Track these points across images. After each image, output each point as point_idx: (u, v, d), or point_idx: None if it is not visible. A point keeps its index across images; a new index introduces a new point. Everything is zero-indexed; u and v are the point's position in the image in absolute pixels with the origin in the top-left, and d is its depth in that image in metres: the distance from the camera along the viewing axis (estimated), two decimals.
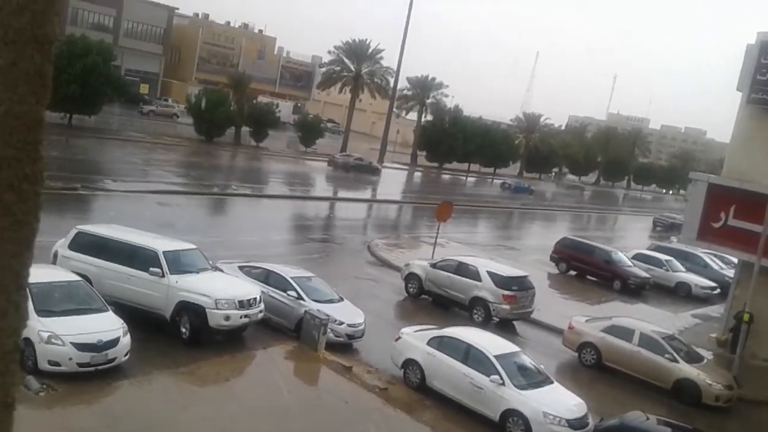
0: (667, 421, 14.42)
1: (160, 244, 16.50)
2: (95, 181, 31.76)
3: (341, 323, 17.26)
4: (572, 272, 31.91)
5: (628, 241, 47.66)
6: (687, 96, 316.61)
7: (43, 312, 12.95)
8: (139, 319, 15.16)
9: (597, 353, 19.40)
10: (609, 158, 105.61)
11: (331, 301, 18.00)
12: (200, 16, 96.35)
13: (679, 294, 31.67)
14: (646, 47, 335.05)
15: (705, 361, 19.29)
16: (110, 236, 16.68)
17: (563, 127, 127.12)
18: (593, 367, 19.42)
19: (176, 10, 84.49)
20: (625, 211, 77.97)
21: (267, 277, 18.22)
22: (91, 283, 15.08)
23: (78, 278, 14.59)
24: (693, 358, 18.85)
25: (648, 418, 13.22)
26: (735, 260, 25.36)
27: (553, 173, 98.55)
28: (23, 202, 0.78)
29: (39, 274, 13.94)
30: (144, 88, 78.37)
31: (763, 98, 22.38)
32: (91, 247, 16.35)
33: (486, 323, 21.01)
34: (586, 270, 31.54)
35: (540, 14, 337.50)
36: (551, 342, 20.97)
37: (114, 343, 13.15)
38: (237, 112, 57.22)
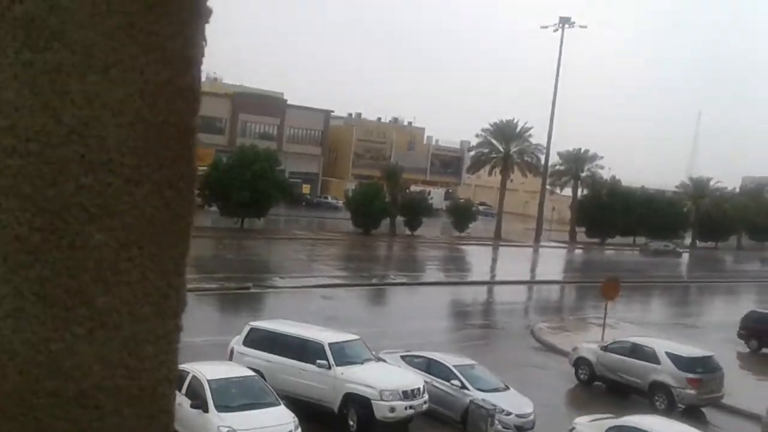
0: None
1: (325, 336, 17.03)
2: (265, 279, 33.79)
3: (509, 413, 16.55)
4: (766, 350, 28.60)
5: None
6: None
7: (222, 408, 13.66)
8: (310, 413, 15.48)
9: None
10: None
11: (496, 390, 17.41)
12: (353, 116, 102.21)
13: None
14: None
15: None
16: (280, 330, 17.52)
17: (737, 190, 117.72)
18: None
19: (332, 113, 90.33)
20: None
21: (429, 366, 18.06)
22: (264, 378, 15.76)
23: (252, 373, 15.32)
24: None
25: None
26: None
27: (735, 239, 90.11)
28: (181, 198, 0.86)
29: (217, 370, 14.93)
30: (306, 188, 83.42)
31: None
32: (263, 342, 17.20)
33: (670, 410, 19.20)
34: None
35: (696, 70, 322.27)
36: (749, 429, 18.65)
37: None
38: (391, 202, 59.03)
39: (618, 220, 71.61)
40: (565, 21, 66.28)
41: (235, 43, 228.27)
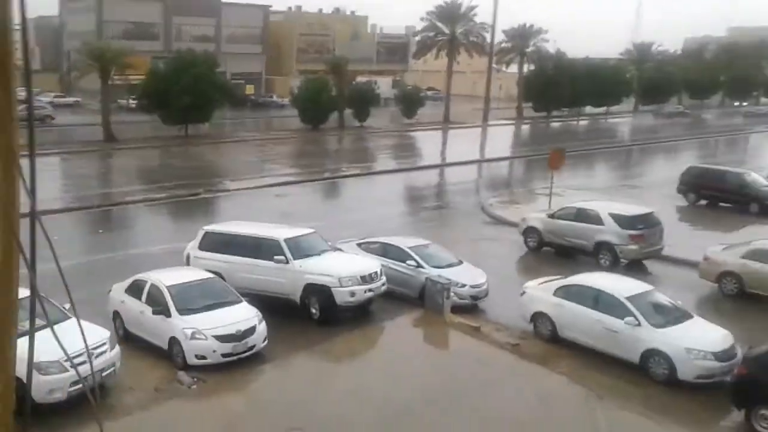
0: None
1: (280, 232, 17.28)
2: (215, 184, 33.59)
3: (464, 285, 17.35)
4: (703, 202, 30.10)
5: (764, 160, 44.18)
6: None
7: (185, 311, 14.00)
8: (272, 306, 15.99)
9: (739, 281, 18.30)
10: (733, 77, 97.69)
11: (451, 265, 18.11)
12: (293, 9, 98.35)
13: None
14: None
15: None
16: (235, 232, 17.72)
17: (679, 52, 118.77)
18: (736, 297, 18.36)
19: (270, 8, 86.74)
20: (757, 130, 72.13)
21: (385, 251, 18.60)
22: (223, 279, 16.10)
23: (211, 275, 15.60)
24: None
25: None
26: None
27: (667, 106, 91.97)
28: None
29: (176, 276, 15.17)
30: (249, 89, 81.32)
31: None
32: (219, 244, 17.40)
33: (614, 267, 20.37)
34: (717, 197, 29.67)
35: None
36: (688, 277, 19.96)
37: (251, 331, 13.99)
38: (338, 95, 58.23)
39: (563, 93, 72.19)
40: None
41: None
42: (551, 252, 22.59)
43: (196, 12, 76.06)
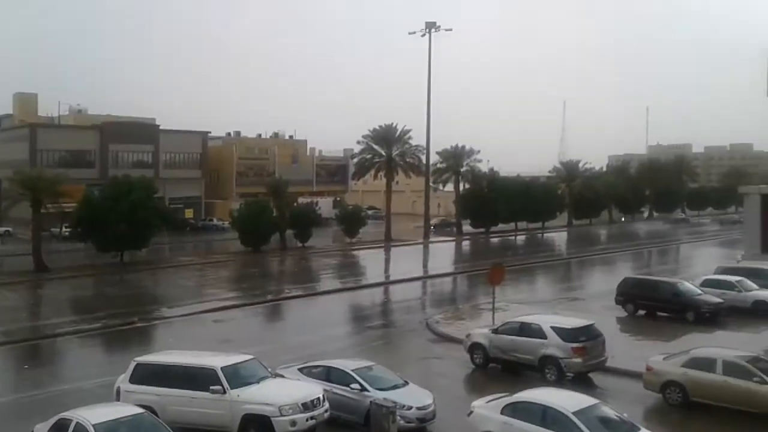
0: None
1: (217, 361, 16.59)
2: (152, 311, 32.48)
3: (410, 408, 16.78)
4: (641, 312, 30.71)
5: (695, 269, 45.89)
6: (726, 113, 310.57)
7: None
8: None
9: (682, 390, 18.33)
10: (657, 190, 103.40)
11: (396, 387, 17.59)
12: (232, 134, 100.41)
13: (758, 313, 29.99)
14: (674, 73, 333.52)
15: None
16: (168, 362, 16.92)
17: (604, 169, 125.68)
18: (681, 406, 18.31)
19: (209, 134, 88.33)
20: (685, 240, 75.53)
21: (328, 374, 17.98)
22: (155, 413, 15.15)
23: (141, 410, 14.64)
24: None
25: None
26: None
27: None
28: None
29: (103, 413, 14.20)
30: (189, 213, 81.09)
31: None
32: (152, 376, 16.53)
33: (560, 381, 20.19)
34: (654, 307, 30.33)
35: (560, 63, 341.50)
36: (632, 388, 19.92)
37: None
38: (279, 217, 58.51)
39: (500, 209, 74.68)
40: (431, 26, 68.13)
41: (102, 73, 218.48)
42: (498, 368, 22.34)
43: (133, 139, 76.76)
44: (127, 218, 46.03)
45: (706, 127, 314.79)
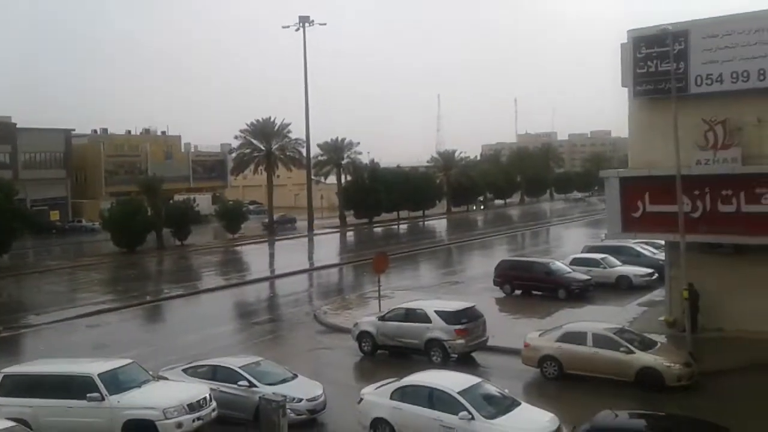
0: (638, 413, 14.50)
1: (93, 367, 15.77)
2: (17, 320, 30.23)
3: (300, 400, 16.73)
4: (517, 292, 32.26)
5: (564, 248, 48.77)
6: (586, 102, 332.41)
7: None
8: None
9: (558, 364, 19.47)
10: (527, 177, 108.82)
11: (285, 381, 17.47)
12: (99, 131, 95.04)
13: (621, 287, 32.37)
14: (537, 63, 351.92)
15: (659, 345, 19.63)
16: (39, 372, 15.92)
17: (479, 157, 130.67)
18: (557, 379, 19.44)
19: (73, 131, 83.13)
20: (553, 222, 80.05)
21: (214, 373, 17.56)
22: (29, 426, 14.23)
23: (13, 424, 13.67)
24: (648, 346, 19.16)
25: (617, 416, 13.23)
26: (663, 243, 26.29)
27: (479, 202, 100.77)
28: None
29: None
30: (54, 215, 76.15)
31: (646, 89, 23.69)
32: (22, 387, 15.53)
33: (446, 362, 20.87)
34: (529, 286, 31.95)
35: (434, 55, 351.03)
36: (512, 364, 20.92)
37: None
38: (154, 215, 56.17)
39: (382, 199, 75.72)
40: (304, 20, 67.53)
41: None
42: (386, 354, 22.71)
43: None
44: None
45: (569, 117, 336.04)
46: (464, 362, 21.05)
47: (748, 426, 15.03)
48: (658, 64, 23.17)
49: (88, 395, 14.78)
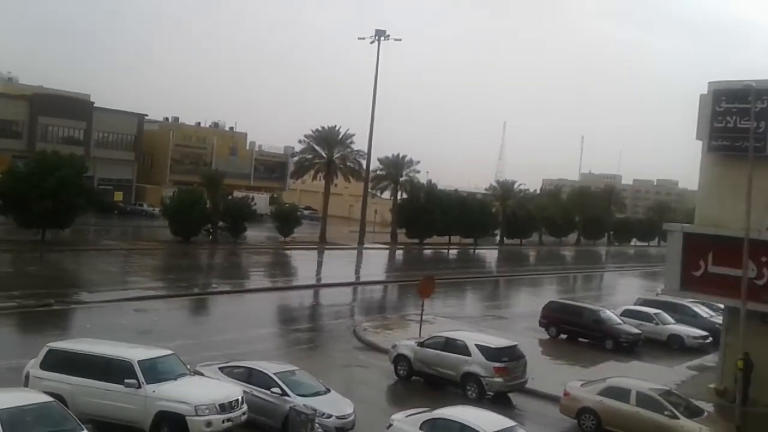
0: None
1: (134, 353, 16.00)
2: (70, 295, 31.14)
3: (329, 416, 16.62)
4: (563, 336, 31.49)
5: (617, 297, 47.47)
6: (655, 149, 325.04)
7: None
8: None
9: (596, 418, 18.83)
10: (586, 217, 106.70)
11: (317, 394, 17.40)
12: (170, 120, 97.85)
13: (672, 347, 31.26)
14: (608, 104, 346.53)
15: (705, 414, 18.78)
16: (82, 350, 16.20)
17: (538, 191, 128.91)
18: None
19: (146, 117, 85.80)
20: (609, 268, 78.12)
21: (249, 376, 17.63)
22: (65, 403, 14.48)
23: (50, 399, 13.95)
24: (693, 412, 18.35)
25: None
26: (722, 306, 25.24)
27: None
28: None
29: (8, 398, 13.48)
30: (118, 195, 78.52)
31: (722, 145, 22.88)
32: (64, 364, 15.81)
33: (480, 399, 20.45)
34: (576, 332, 31.16)
35: (505, 84, 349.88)
36: (549, 411, 20.36)
37: None
38: (212, 209, 57.29)
39: (435, 221, 75.36)
40: (380, 34, 68.16)
41: (35, 42, 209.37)
42: (421, 381, 22.42)
43: (65, 113, 73.64)
44: (51, 195, 44.06)
45: (635, 161, 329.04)
46: (500, 402, 20.58)
47: None
48: (738, 121, 22.37)
49: (125, 381, 14.98)
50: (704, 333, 31.78)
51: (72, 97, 78.83)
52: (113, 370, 15.32)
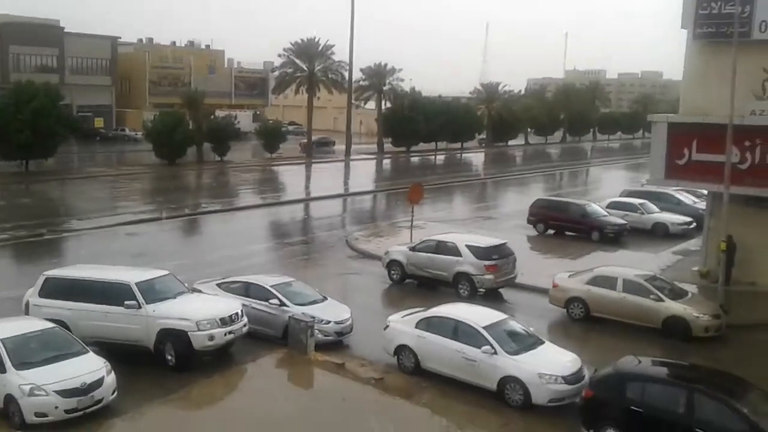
0: (661, 360, 14.55)
1: (131, 275, 16.28)
2: (60, 224, 31.25)
3: (328, 322, 17.19)
4: (550, 231, 32.08)
5: (603, 191, 48.03)
6: (639, 40, 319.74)
7: (22, 365, 12.75)
8: (124, 355, 14.96)
9: (584, 306, 19.53)
10: (571, 115, 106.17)
11: (314, 302, 17.91)
12: (144, 41, 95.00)
13: (657, 234, 31.97)
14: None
15: (690, 295, 19.49)
16: (80, 276, 16.48)
17: (523, 92, 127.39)
18: (583, 320, 19.56)
19: (119, 39, 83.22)
20: (594, 163, 78.58)
21: (247, 290, 18.07)
22: (67, 328, 14.87)
23: (52, 325, 14.32)
24: (678, 295, 19.04)
25: (640, 362, 13.29)
26: (705, 193, 25.67)
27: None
28: None
29: (11, 327, 13.84)
30: (99, 122, 77.29)
31: (707, 32, 22.60)
32: (62, 291, 16.10)
33: (472, 296, 21.09)
34: (563, 227, 31.75)
35: None
36: (539, 303, 21.05)
37: (98, 383, 12.95)
38: (195, 129, 56.63)
39: (420, 129, 74.90)
40: None
41: None
42: (414, 284, 23.01)
43: (36, 41, 71.32)
44: (29, 126, 43.36)
45: (621, 55, 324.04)
46: (491, 297, 21.23)
47: None
48: (722, 6, 22.04)
49: (125, 302, 15.32)
50: (688, 219, 32.46)
51: (41, 23, 76.01)
52: (112, 293, 15.60)
